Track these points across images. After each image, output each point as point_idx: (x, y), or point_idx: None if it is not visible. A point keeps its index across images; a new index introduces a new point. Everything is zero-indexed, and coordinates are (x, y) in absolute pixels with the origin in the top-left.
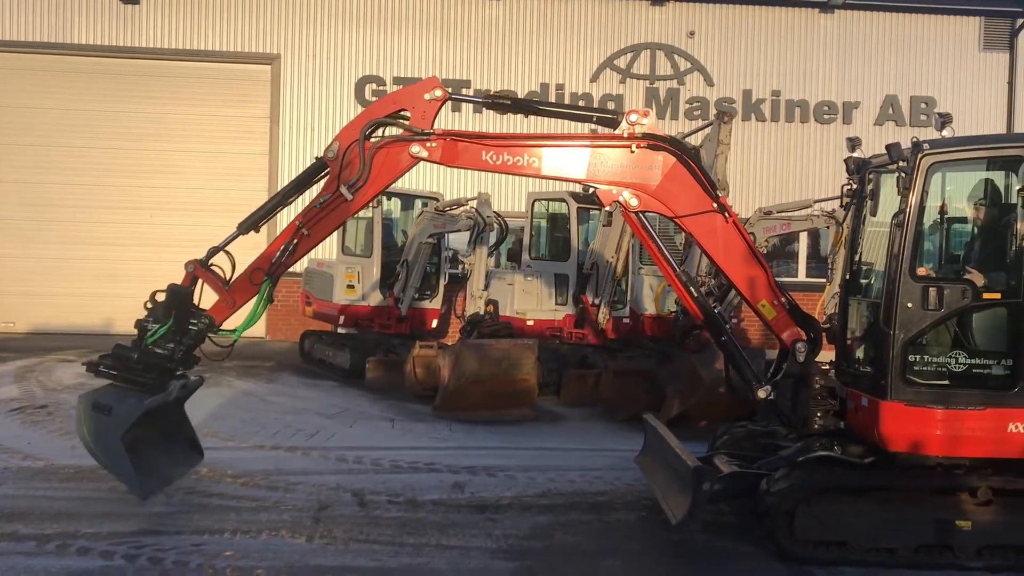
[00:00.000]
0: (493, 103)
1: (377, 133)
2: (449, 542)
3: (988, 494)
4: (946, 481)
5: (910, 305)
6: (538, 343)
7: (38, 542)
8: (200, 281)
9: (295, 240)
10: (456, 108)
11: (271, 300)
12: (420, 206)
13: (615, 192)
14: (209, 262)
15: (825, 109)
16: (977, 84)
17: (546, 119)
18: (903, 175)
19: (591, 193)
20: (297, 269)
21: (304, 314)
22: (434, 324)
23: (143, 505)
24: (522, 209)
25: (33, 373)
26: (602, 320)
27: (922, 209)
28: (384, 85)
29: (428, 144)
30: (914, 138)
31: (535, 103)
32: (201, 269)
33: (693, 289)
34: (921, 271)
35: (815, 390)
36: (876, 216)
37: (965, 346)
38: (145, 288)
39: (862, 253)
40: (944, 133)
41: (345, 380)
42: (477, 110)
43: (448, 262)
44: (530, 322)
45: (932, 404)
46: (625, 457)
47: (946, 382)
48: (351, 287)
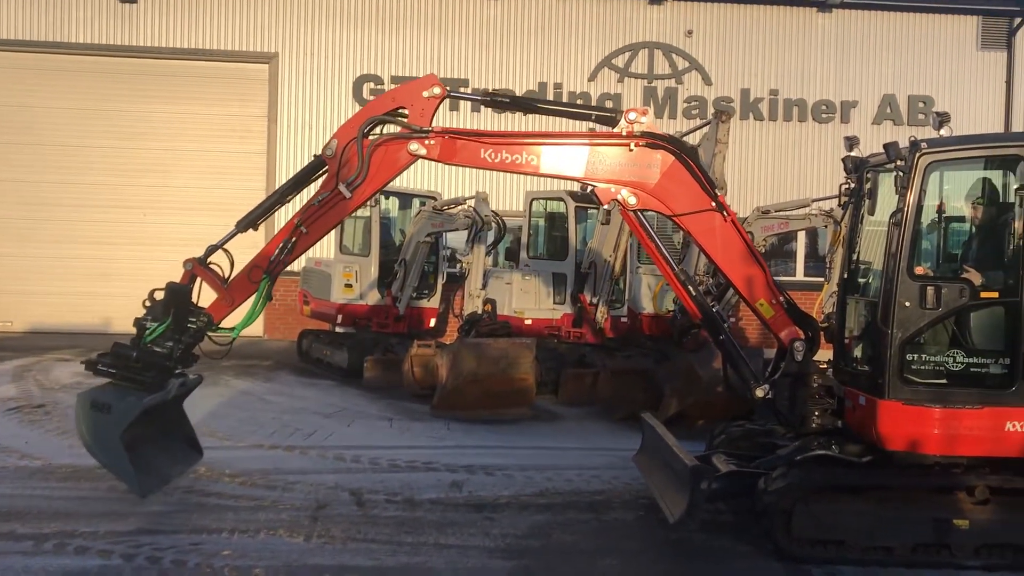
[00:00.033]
0: (492, 101)
1: (375, 131)
2: (447, 541)
3: (986, 493)
4: (944, 480)
5: (908, 304)
6: (536, 342)
7: (35, 541)
8: (199, 279)
9: (293, 238)
10: (454, 107)
11: (270, 298)
12: (418, 205)
13: (613, 190)
14: (208, 260)
15: (823, 108)
16: (975, 83)
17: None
18: (901, 174)
19: (589, 192)
20: (295, 268)
21: (302, 313)
22: (432, 323)
23: (141, 504)
24: (520, 208)
25: (30, 372)
26: (600, 319)
27: (920, 208)
28: (382, 84)
29: (426, 142)
30: (912, 137)
31: (534, 101)
32: (200, 267)
33: (691, 288)
34: (919, 270)
35: (813, 389)
36: (874, 215)
37: (963, 345)
38: (142, 287)
39: (860, 252)
40: (942, 132)
41: (343, 379)
42: (475, 109)
43: (446, 261)
44: (528, 321)
45: (930, 403)
46: (623, 456)
47: (944, 381)
48: (349, 286)
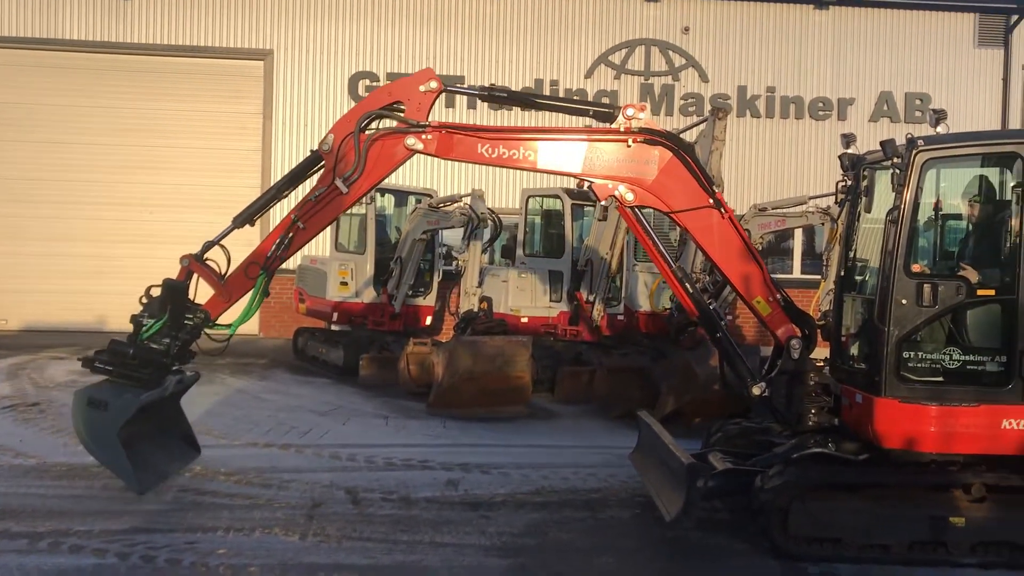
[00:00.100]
0: (489, 95)
1: (372, 126)
2: (443, 539)
3: (982, 491)
4: (940, 478)
5: (904, 302)
6: (532, 340)
7: (30, 540)
8: (195, 276)
9: (291, 233)
10: (450, 104)
11: (267, 294)
12: (414, 202)
13: (611, 186)
14: (204, 257)
15: (820, 105)
16: (972, 80)
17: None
18: (898, 171)
19: (586, 188)
20: (290, 266)
21: (297, 311)
22: (428, 321)
23: (136, 503)
24: (516, 205)
25: (25, 370)
26: (596, 317)
27: (916, 205)
28: (377, 81)
29: (423, 136)
30: (909, 134)
31: (532, 96)
32: (196, 264)
33: (688, 285)
34: (915, 268)
35: (810, 387)
36: (871, 212)
37: (959, 343)
38: (138, 285)
39: (857, 250)
40: (939, 129)
41: (338, 377)
42: (471, 105)
43: (442, 259)
44: (524, 319)
45: (926, 401)
46: (619, 454)
47: (940, 379)
48: (344, 284)
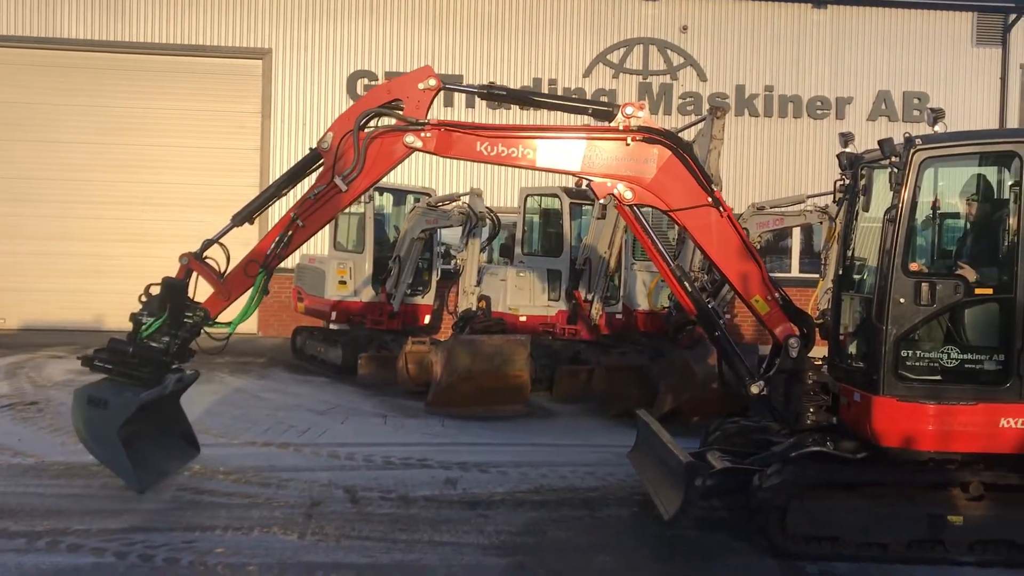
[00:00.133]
0: (489, 93)
1: (372, 124)
2: (441, 538)
3: (980, 489)
4: (938, 476)
5: (902, 300)
6: (531, 339)
7: (28, 539)
8: (195, 274)
9: (290, 232)
10: (448, 103)
11: (266, 292)
12: (412, 201)
13: (610, 185)
14: (204, 255)
15: (818, 104)
16: (970, 79)
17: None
18: (895, 170)
19: (585, 186)
20: (289, 265)
21: (296, 310)
22: (426, 320)
23: (134, 502)
24: (515, 204)
25: (23, 369)
26: (595, 316)
27: (914, 204)
28: (376, 80)
29: (423, 134)
30: (906, 133)
31: (530, 94)
32: (196, 262)
33: (687, 284)
34: (913, 266)
35: (808, 386)
36: (869, 211)
37: (957, 341)
38: (137, 283)
39: (855, 248)
40: (936, 128)
41: (337, 376)
42: (469, 104)
43: (440, 258)
44: (523, 318)
45: (924, 399)
46: (617, 453)
47: (938, 377)
48: (343, 283)
